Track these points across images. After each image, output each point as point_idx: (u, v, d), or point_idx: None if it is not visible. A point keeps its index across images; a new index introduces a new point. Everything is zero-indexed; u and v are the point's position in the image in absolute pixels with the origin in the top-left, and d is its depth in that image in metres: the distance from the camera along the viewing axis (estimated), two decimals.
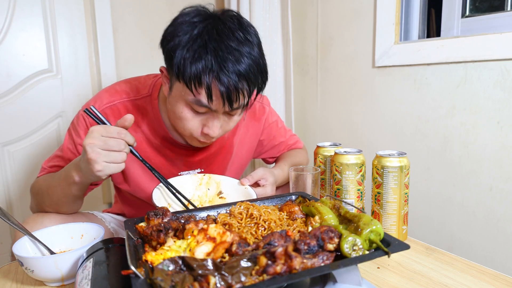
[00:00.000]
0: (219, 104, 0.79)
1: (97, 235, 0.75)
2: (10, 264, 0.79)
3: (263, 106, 1.12)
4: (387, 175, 0.83)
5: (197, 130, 0.85)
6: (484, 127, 1.16)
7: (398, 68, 1.39)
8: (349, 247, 0.55)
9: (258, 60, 0.81)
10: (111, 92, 0.95)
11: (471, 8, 1.37)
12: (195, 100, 0.79)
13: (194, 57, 0.75)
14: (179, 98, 0.82)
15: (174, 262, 0.49)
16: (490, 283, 0.67)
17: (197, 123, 0.84)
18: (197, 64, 0.75)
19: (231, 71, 0.76)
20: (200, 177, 0.94)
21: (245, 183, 0.92)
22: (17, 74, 1.51)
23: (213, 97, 0.77)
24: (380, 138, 1.48)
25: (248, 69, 0.78)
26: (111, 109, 0.93)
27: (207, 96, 0.77)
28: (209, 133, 0.83)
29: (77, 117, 0.94)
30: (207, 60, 0.75)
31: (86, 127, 0.92)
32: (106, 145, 0.71)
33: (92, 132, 0.72)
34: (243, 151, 1.10)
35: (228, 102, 0.78)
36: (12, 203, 1.58)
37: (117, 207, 1.16)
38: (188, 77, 0.76)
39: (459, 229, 1.26)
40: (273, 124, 1.15)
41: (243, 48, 0.78)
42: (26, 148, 1.58)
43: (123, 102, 0.94)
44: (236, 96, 0.78)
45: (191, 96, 0.78)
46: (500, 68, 1.11)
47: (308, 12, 1.74)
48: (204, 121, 0.83)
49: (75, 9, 1.60)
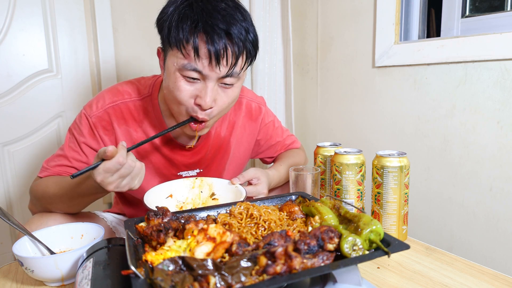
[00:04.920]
0: (207, 64, 0.78)
1: (97, 235, 0.75)
2: (10, 264, 0.79)
3: (259, 106, 1.12)
4: (387, 175, 0.83)
5: (190, 101, 0.83)
6: (484, 127, 1.16)
7: (398, 68, 1.39)
8: (349, 247, 0.55)
9: (248, 27, 0.82)
10: (114, 92, 0.96)
11: (471, 8, 1.37)
12: (185, 64, 0.79)
13: (181, 17, 0.78)
14: (172, 69, 0.82)
15: (174, 262, 0.49)
16: (490, 283, 0.67)
17: (190, 93, 0.82)
18: (184, 23, 0.78)
19: (218, 28, 0.77)
20: (192, 180, 0.95)
21: (235, 182, 0.93)
22: (17, 74, 1.51)
23: (200, 55, 0.77)
24: (380, 138, 1.48)
25: (237, 31, 0.79)
26: (113, 108, 0.93)
27: (194, 54, 0.77)
28: (201, 103, 0.82)
29: (79, 116, 0.94)
30: (193, 18, 0.77)
31: (89, 126, 0.92)
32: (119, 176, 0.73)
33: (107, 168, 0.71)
34: (240, 151, 1.11)
35: (216, 61, 0.78)
36: (12, 203, 1.58)
37: (117, 208, 1.16)
38: (176, 37, 0.78)
39: (459, 229, 1.26)
40: (270, 124, 1.16)
41: (233, 11, 0.80)
42: (26, 148, 1.58)
43: (125, 102, 0.94)
44: (224, 55, 0.78)
45: (182, 59, 0.79)
46: (500, 68, 1.11)
47: (308, 12, 1.74)
48: (197, 92, 0.82)
49: (75, 9, 1.60)
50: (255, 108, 1.11)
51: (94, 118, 0.92)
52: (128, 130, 0.95)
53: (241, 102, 1.09)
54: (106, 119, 0.93)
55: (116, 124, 0.94)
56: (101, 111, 0.92)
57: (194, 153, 1.01)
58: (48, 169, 0.94)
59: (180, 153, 0.99)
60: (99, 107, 0.93)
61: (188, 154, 1.00)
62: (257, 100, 1.13)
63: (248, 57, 0.84)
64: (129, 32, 1.70)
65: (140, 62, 1.74)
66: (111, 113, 0.93)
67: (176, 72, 0.81)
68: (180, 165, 1.01)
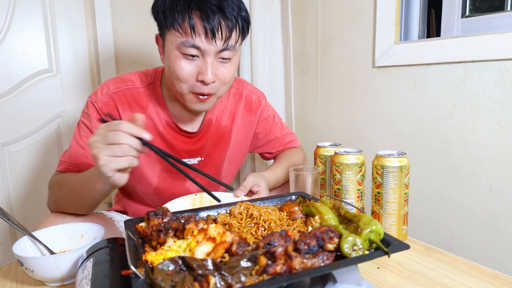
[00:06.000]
0: (204, 38, 0.83)
1: (97, 235, 0.75)
2: (10, 264, 0.79)
3: (259, 99, 1.15)
4: (387, 175, 0.83)
5: (192, 79, 0.87)
6: (484, 127, 1.16)
7: (398, 68, 1.39)
8: (349, 247, 0.55)
9: (239, 4, 0.87)
10: (117, 80, 0.99)
11: (471, 8, 1.37)
12: (184, 41, 0.83)
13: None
14: (171, 50, 0.86)
15: (174, 262, 0.49)
16: (490, 283, 0.67)
17: (191, 70, 0.86)
18: (178, 3, 0.82)
19: (210, 4, 0.82)
20: (192, 197, 0.94)
21: (239, 194, 0.93)
22: (17, 74, 1.51)
23: (197, 31, 0.82)
24: (380, 138, 1.48)
25: (229, 6, 0.84)
26: (117, 94, 0.96)
27: (191, 31, 0.82)
28: (203, 78, 0.85)
29: (86, 105, 0.97)
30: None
31: (97, 112, 0.95)
32: (105, 139, 0.68)
33: (96, 130, 0.72)
34: (239, 141, 1.13)
35: (211, 34, 0.82)
36: (12, 203, 1.58)
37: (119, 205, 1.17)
38: (172, 18, 0.83)
39: (459, 229, 1.26)
40: (269, 118, 1.17)
41: None
42: (26, 148, 1.58)
43: (128, 88, 0.98)
44: (218, 28, 0.83)
45: (179, 37, 0.83)
46: (500, 68, 1.11)
47: (308, 12, 1.74)
48: (197, 69, 0.86)
49: (75, 9, 1.60)
50: (254, 100, 1.13)
51: (100, 103, 0.95)
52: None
53: (241, 93, 1.11)
54: (111, 104, 0.96)
55: (121, 109, 0.96)
56: (106, 97, 0.96)
57: (196, 141, 1.04)
58: (64, 162, 0.95)
59: (182, 139, 1.02)
60: (103, 93, 0.96)
61: (190, 142, 1.03)
62: (257, 93, 1.16)
63: (241, 31, 0.89)
64: (129, 32, 1.70)
65: (140, 62, 1.74)
66: (115, 98, 0.96)
67: (175, 51, 0.85)
68: (181, 151, 1.03)
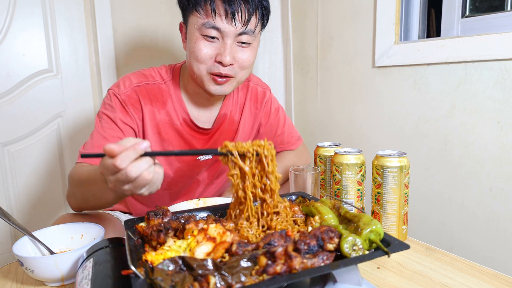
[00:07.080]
0: (225, 19, 0.87)
1: (97, 235, 0.75)
2: (10, 264, 0.79)
3: (264, 91, 1.17)
4: (387, 175, 0.83)
5: (211, 60, 0.91)
6: (484, 127, 1.16)
7: (398, 68, 1.39)
8: (349, 247, 0.55)
9: None
10: (138, 74, 1.01)
11: (471, 8, 1.37)
12: (205, 22, 0.88)
13: None
14: (193, 32, 0.91)
15: (174, 262, 0.49)
16: (490, 283, 0.67)
17: (210, 51, 0.90)
18: None
19: None
20: (195, 202, 0.96)
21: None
22: (17, 74, 1.51)
23: (218, 12, 0.87)
24: (380, 138, 1.48)
25: None
26: (139, 88, 0.98)
27: (212, 12, 0.87)
28: (221, 59, 0.89)
29: (108, 97, 0.97)
30: None
31: (120, 103, 0.95)
32: (121, 183, 0.60)
33: (107, 178, 0.62)
34: (246, 132, 1.16)
35: (231, 16, 0.87)
36: (12, 203, 1.58)
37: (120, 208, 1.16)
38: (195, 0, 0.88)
39: (459, 229, 1.26)
40: (274, 112, 1.20)
41: None
42: (26, 148, 1.58)
43: (150, 84, 1.00)
44: (239, 10, 0.87)
45: (201, 19, 0.88)
46: (500, 68, 1.11)
47: (308, 12, 1.74)
48: (217, 51, 0.90)
49: (75, 9, 1.60)
50: (260, 92, 1.16)
51: (123, 95, 0.96)
52: (153, 110, 0.99)
53: (248, 85, 1.14)
54: (134, 97, 0.97)
55: (143, 103, 0.97)
56: (129, 90, 0.97)
57: (210, 137, 1.07)
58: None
59: (199, 136, 1.05)
60: (126, 86, 0.97)
61: (205, 138, 1.07)
62: (263, 85, 1.19)
63: (261, 18, 0.93)
64: (129, 32, 1.70)
65: (140, 62, 1.74)
66: (138, 92, 0.97)
67: (196, 32, 0.90)
68: (198, 147, 1.06)
